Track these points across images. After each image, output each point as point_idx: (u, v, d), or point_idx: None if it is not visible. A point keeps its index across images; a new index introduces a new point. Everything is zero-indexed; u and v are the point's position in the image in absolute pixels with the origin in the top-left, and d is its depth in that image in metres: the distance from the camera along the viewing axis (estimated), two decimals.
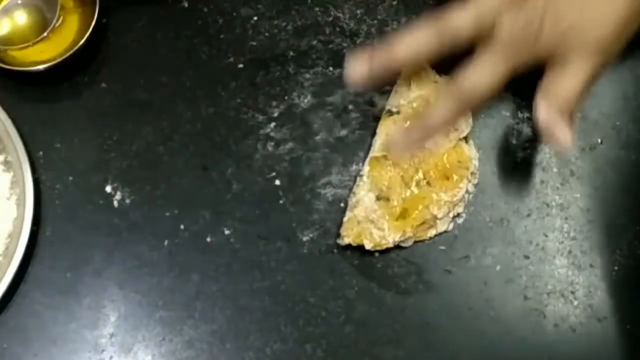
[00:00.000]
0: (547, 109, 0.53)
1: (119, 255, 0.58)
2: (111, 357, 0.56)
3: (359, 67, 0.53)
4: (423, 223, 0.57)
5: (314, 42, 0.63)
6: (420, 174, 0.58)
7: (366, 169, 0.59)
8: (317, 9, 0.64)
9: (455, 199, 0.58)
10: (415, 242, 0.58)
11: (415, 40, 0.53)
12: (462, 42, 0.53)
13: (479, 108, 0.57)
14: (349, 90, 0.62)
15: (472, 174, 0.59)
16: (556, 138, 0.52)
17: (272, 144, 0.61)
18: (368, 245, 0.57)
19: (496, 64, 0.53)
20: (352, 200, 0.58)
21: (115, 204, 0.59)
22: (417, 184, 0.58)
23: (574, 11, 0.54)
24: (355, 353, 0.57)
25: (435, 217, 0.57)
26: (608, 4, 0.54)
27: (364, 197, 0.58)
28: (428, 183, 0.58)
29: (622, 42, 0.56)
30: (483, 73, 0.53)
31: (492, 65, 0.53)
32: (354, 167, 0.60)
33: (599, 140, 0.61)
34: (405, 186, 0.58)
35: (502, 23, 0.53)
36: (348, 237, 0.57)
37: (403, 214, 0.57)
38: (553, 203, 0.60)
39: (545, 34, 0.53)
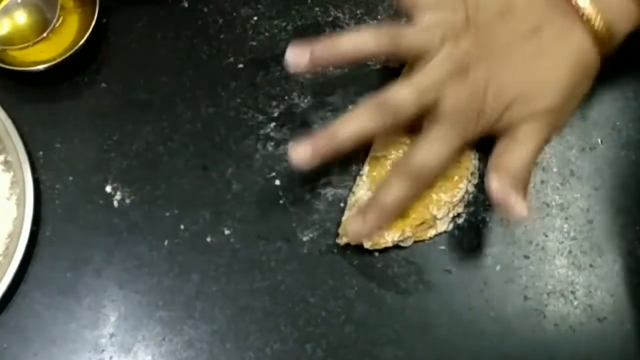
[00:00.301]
0: (499, 181, 0.52)
1: (119, 255, 0.58)
2: (111, 357, 0.56)
3: (302, 152, 0.52)
4: (423, 223, 0.57)
5: None
6: None
7: (366, 168, 0.59)
8: (317, 9, 0.64)
9: (455, 199, 0.58)
10: (415, 242, 0.58)
11: (357, 121, 0.52)
12: (405, 119, 0.53)
13: (431, 183, 0.56)
14: (349, 90, 0.62)
15: (472, 174, 0.59)
16: (511, 210, 0.52)
17: (272, 144, 0.61)
18: (367, 245, 0.57)
19: (444, 140, 0.53)
20: (352, 200, 0.58)
21: (115, 204, 0.59)
22: None
23: (516, 82, 0.53)
24: (355, 353, 0.57)
25: (435, 217, 0.57)
26: (551, 72, 0.54)
27: (363, 197, 0.58)
28: None
29: (572, 106, 0.55)
30: (431, 150, 0.53)
31: (440, 141, 0.53)
32: (354, 167, 0.60)
33: (599, 140, 0.61)
34: None
35: (445, 98, 0.52)
36: (347, 236, 0.57)
37: (402, 214, 0.57)
38: (553, 203, 0.60)
39: (490, 106, 0.53)
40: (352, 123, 0.53)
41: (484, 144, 0.61)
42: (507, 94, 0.53)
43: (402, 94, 0.52)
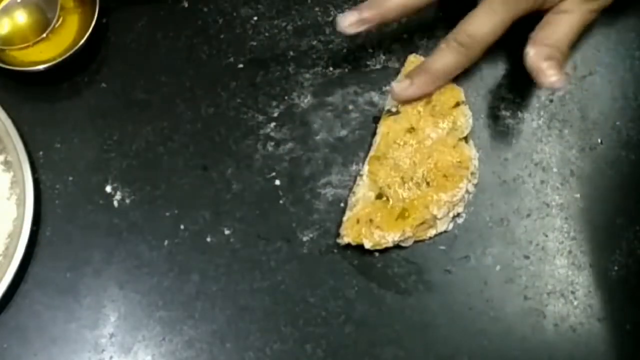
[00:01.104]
0: (537, 49, 0.54)
1: (119, 255, 0.58)
2: (111, 357, 0.56)
3: (351, 17, 0.56)
4: (423, 223, 0.57)
5: (314, 42, 0.63)
6: (420, 174, 0.58)
7: (366, 168, 0.59)
8: (317, 9, 0.64)
9: (455, 199, 0.58)
10: (415, 242, 0.58)
11: None
12: None
13: (478, 57, 0.58)
14: (349, 90, 0.62)
15: (472, 174, 0.59)
16: (544, 78, 0.54)
17: (272, 144, 0.61)
18: (367, 245, 0.57)
19: (495, 11, 0.55)
20: (352, 200, 0.58)
21: (115, 204, 0.59)
22: (417, 184, 0.58)
23: None
24: (355, 353, 0.57)
25: (435, 217, 0.57)
26: None
27: (363, 197, 0.58)
28: (428, 183, 0.58)
29: None
30: (484, 20, 0.55)
31: (492, 12, 0.55)
32: (354, 167, 0.60)
33: (599, 140, 0.61)
34: (405, 186, 0.58)
35: None
36: (347, 236, 0.57)
37: (403, 214, 0.57)
38: (553, 203, 0.60)
39: None
40: None
41: (483, 138, 0.61)
42: None
43: None
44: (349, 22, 0.56)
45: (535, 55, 0.55)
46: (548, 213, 0.60)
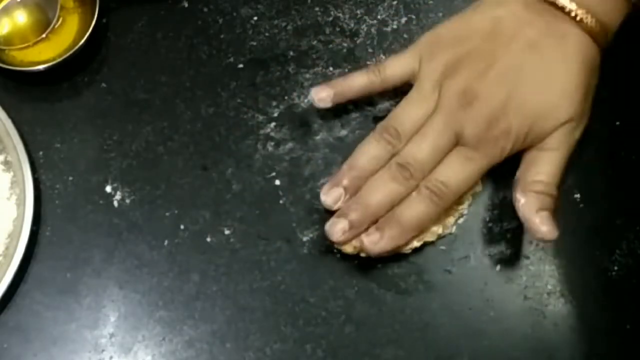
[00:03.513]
0: (527, 199, 0.54)
1: (119, 255, 0.58)
2: (111, 357, 0.56)
3: (323, 93, 0.58)
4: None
5: (314, 42, 0.64)
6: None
7: None
8: (317, 9, 0.64)
9: (461, 207, 0.58)
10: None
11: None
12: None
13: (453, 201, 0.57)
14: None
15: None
16: (537, 230, 0.53)
17: (272, 144, 0.61)
18: (363, 254, 0.56)
19: (470, 161, 0.54)
20: None
21: (115, 204, 0.59)
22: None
23: (533, 99, 0.54)
24: (355, 353, 0.56)
25: (445, 226, 0.57)
26: (562, 79, 0.54)
27: None
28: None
29: (589, 103, 0.56)
30: (458, 170, 0.54)
31: (466, 163, 0.54)
32: None
33: (599, 140, 0.61)
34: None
35: (465, 128, 0.54)
36: (341, 247, 0.56)
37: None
38: None
39: (515, 125, 0.54)
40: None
41: None
42: (527, 111, 0.54)
43: (422, 152, 0.55)
44: (320, 96, 0.58)
45: (527, 205, 0.53)
46: None
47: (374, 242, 0.54)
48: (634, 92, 0.62)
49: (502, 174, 0.60)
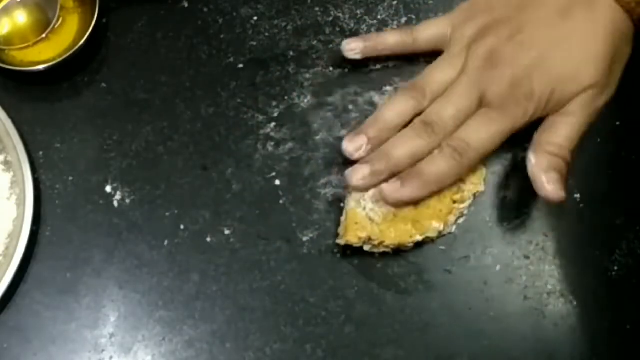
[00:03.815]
0: (538, 159, 0.54)
1: (119, 255, 0.58)
2: (111, 357, 0.56)
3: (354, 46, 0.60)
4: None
5: (314, 42, 0.64)
6: None
7: None
8: (317, 9, 0.64)
9: (462, 206, 0.58)
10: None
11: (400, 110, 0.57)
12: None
13: (473, 167, 0.57)
14: (349, 90, 0.62)
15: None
16: (544, 190, 0.53)
17: (272, 144, 0.61)
18: (367, 247, 0.57)
19: (492, 123, 0.55)
20: (350, 200, 0.58)
21: (115, 204, 0.59)
22: None
23: (558, 64, 0.55)
24: (355, 353, 0.57)
25: (446, 224, 0.57)
26: (590, 47, 0.55)
27: (362, 197, 0.58)
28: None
29: (616, 75, 0.57)
30: (480, 129, 0.55)
31: (488, 124, 0.55)
32: None
33: (599, 140, 0.61)
34: None
35: (488, 90, 0.55)
36: (345, 237, 0.57)
37: (405, 219, 0.57)
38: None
39: (538, 89, 0.54)
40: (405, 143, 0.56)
41: None
42: (551, 76, 0.55)
43: (446, 111, 0.55)
44: (351, 46, 0.60)
45: (537, 165, 0.54)
46: (548, 213, 0.60)
47: (395, 189, 0.55)
48: (634, 92, 0.62)
49: (502, 174, 0.60)
